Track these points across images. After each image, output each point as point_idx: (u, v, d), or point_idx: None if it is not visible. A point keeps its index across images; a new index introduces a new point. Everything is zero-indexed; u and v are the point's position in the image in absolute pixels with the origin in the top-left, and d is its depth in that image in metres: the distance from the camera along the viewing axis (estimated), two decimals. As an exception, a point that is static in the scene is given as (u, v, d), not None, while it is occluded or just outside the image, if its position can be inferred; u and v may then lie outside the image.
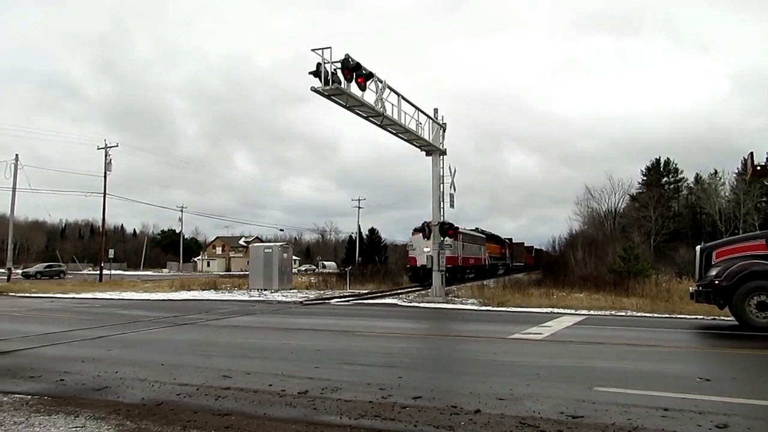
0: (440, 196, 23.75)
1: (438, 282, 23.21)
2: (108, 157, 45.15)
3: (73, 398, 6.21)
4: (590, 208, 63.20)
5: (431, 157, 23.83)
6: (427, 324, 15.27)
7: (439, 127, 24.01)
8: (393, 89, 19.88)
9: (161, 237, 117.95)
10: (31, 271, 57.66)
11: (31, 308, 19.51)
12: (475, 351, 10.24)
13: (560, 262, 43.52)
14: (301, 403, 6.06)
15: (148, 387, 6.81)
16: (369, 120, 19.75)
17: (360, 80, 17.25)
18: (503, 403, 5.98)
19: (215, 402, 6.07)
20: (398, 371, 7.85)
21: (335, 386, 6.76)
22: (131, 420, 5.33)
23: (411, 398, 6.19)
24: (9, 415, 5.47)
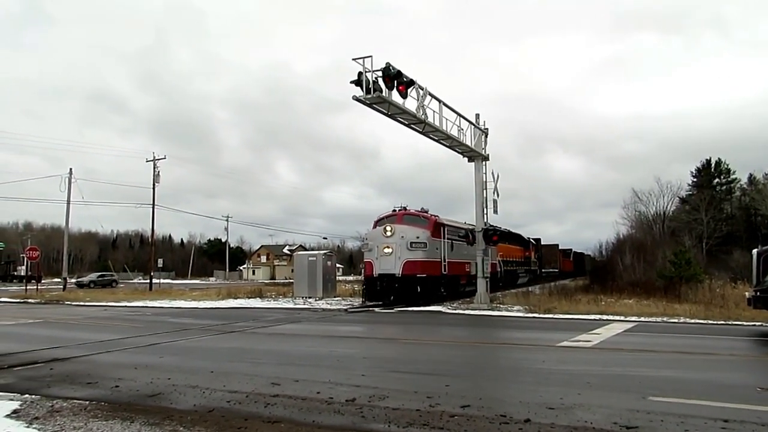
0: (483, 201, 23.53)
1: (482, 289, 22.97)
2: (156, 169, 46.42)
3: (128, 404, 6.38)
4: (638, 212, 61.48)
5: (474, 162, 23.66)
6: (473, 331, 15.12)
7: (481, 133, 23.83)
8: (434, 96, 19.85)
9: (208, 246, 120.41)
10: (85, 281, 59.57)
11: (86, 316, 20.16)
12: (523, 359, 10.09)
13: (607, 268, 42.55)
14: (350, 410, 6.07)
15: (200, 394, 6.94)
16: (411, 127, 19.75)
17: (401, 88, 17.28)
18: (554, 413, 5.87)
19: (265, 409, 6.14)
20: (445, 379, 7.80)
21: (382, 394, 6.76)
22: (184, 426, 5.44)
23: (459, 407, 6.14)
24: (68, 420, 5.66)
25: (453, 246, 26.27)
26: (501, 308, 21.20)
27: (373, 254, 23.76)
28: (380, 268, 23.27)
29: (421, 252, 23.21)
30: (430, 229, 24.19)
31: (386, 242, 23.42)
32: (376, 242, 23.89)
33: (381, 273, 23.18)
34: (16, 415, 5.87)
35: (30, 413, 5.95)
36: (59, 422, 5.58)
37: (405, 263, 22.88)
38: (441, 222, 25.68)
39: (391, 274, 22.92)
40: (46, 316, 20.44)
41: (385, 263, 23.15)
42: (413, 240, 23.23)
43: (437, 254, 24.39)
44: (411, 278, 22.74)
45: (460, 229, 28.36)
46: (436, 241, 24.52)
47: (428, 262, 23.67)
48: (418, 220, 24.62)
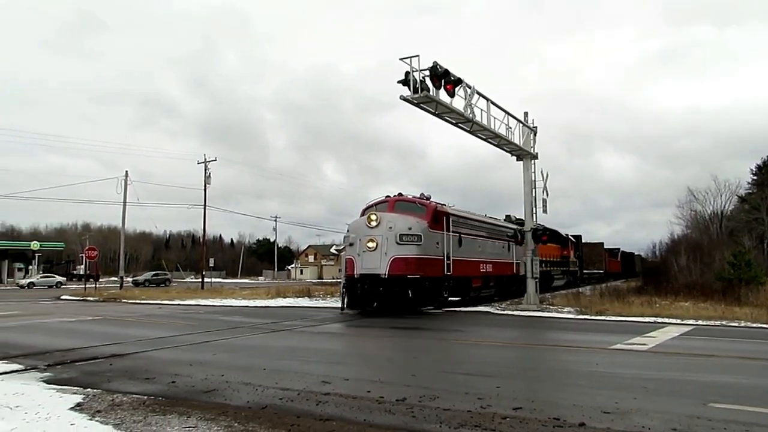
0: (532, 201, 23.21)
1: (532, 289, 22.67)
2: (207, 170, 47.55)
3: (184, 400, 6.55)
4: (693, 211, 59.37)
5: (522, 161, 23.35)
6: (523, 333, 14.92)
7: (529, 131, 23.50)
8: (482, 94, 19.66)
9: (256, 246, 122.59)
10: (140, 279, 61.49)
11: (142, 314, 20.80)
12: (575, 361, 9.89)
13: (661, 269, 41.33)
14: (400, 410, 6.07)
15: (252, 391, 7.06)
16: (458, 126, 19.64)
17: (449, 87, 17.21)
18: (609, 417, 5.74)
19: (316, 407, 6.20)
20: (496, 380, 7.72)
21: (433, 394, 6.74)
22: (239, 422, 5.55)
23: (511, 409, 6.06)
24: (129, 414, 5.85)
25: (461, 241, 21.80)
26: (551, 309, 20.86)
27: (354, 250, 19.26)
28: (362, 266, 18.83)
29: (414, 247, 18.68)
30: (427, 219, 19.63)
31: (370, 235, 18.89)
32: (359, 235, 19.26)
33: (363, 273, 18.74)
34: (79, 408, 6.10)
35: (92, 406, 6.17)
36: (120, 416, 5.77)
37: (393, 261, 18.44)
38: (443, 211, 21.17)
39: (374, 274, 18.47)
40: (105, 313, 21.18)
41: (369, 261, 18.73)
42: (404, 231, 18.75)
43: (438, 250, 19.99)
44: (400, 280, 18.31)
45: (473, 221, 23.93)
46: (436, 234, 20.05)
47: (424, 260, 18.97)
48: (412, 208, 20.20)
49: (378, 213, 19.42)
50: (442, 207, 21.28)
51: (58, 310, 22.91)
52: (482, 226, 25.03)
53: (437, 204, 21.04)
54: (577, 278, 41.64)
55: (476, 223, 24.20)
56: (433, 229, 19.76)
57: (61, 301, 31.37)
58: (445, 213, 21.12)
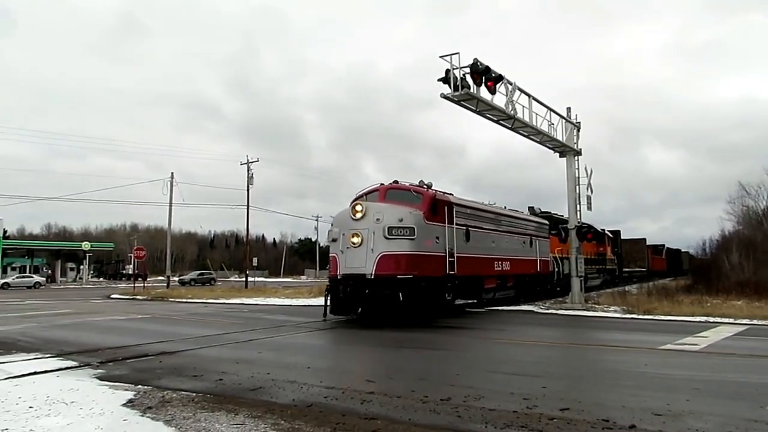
0: (576, 198, 22.79)
1: (576, 288, 22.29)
2: (250, 171, 48.28)
3: (232, 397, 6.66)
4: (745, 207, 57.11)
5: (565, 158, 22.96)
6: (568, 332, 14.67)
7: (572, 127, 23.10)
8: (523, 90, 19.40)
9: (298, 245, 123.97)
10: (186, 279, 62.86)
11: (189, 312, 21.27)
12: (623, 361, 9.66)
13: (712, 267, 40.03)
14: (445, 410, 6.04)
15: (298, 389, 7.14)
16: (500, 123, 19.42)
17: (489, 84, 17.02)
18: (660, 419, 5.59)
19: (361, 406, 6.23)
20: (541, 381, 7.60)
21: (478, 394, 6.68)
22: (285, 420, 5.61)
23: (558, 409, 5.97)
24: (178, 411, 5.98)
25: (469, 235, 19.03)
26: (596, 308, 20.45)
27: (338, 246, 16.62)
28: (345, 265, 16.19)
29: (406, 242, 15.83)
30: (423, 210, 16.70)
31: (354, 228, 16.23)
32: (343, 229, 16.60)
33: (346, 273, 16.09)
34: (131, 404, 6.27)
35: (143, 403, 6.33)
36: (170, 412, 5.91)
37: (380, 258, 15.69)
38: (445, 200, 18.14)
39: (359, 274, 15.77)
40: (153, 312, 21.74)
41: (353, 259, 16.10)
42: (393, 224, 15.89)
43: (438, 246, 17.15)
44: (389, 281, 15.43)
45: (485, 213, 20.93)
46: (436, 227, 17.19)
47: (419, 257, 16.14)
48: (406, 197, 17.32)
49: (364, 203, 16.65)
50: (444, 196, 18.43)
51: (108, 309, 23.62)
52: (497, 218, 22.05)
53: (437, 192, 18.09)
54: (615, 277, 38.79)
55: (489, 215, 21.28)
56: (431, 221, 16.95)
57: (111, 300, 32.35)
58: (447, 202, 18.17)
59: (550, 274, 26.49)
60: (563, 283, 27.25)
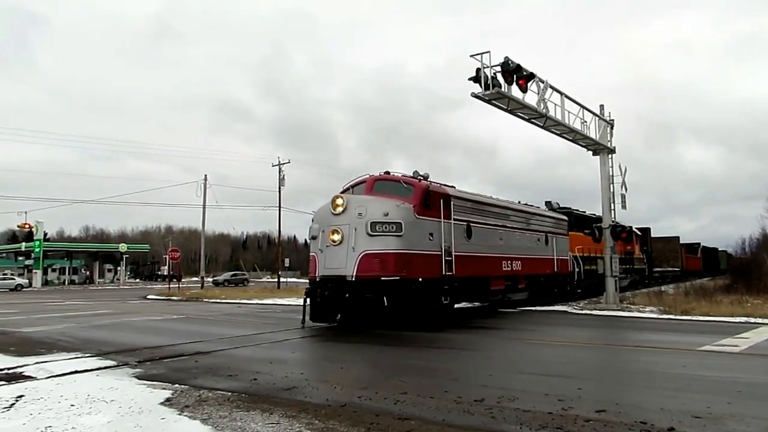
0: (610, 196, 22.47)
1: (611, 288, 21.95)
2: (281, 173, 48.77)
3: (266, 396, 6.73)
4: (787, 204, 55.70)
5: (598, 156, 22.64)
6: (603, 333, 14.45)
7: (606, 124, 22.76)
8: (555, 88, 19.20)
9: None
10: (220, 279, 63.78)
11: (223, 312, 21.57)
12: (660, 363, 9.47)
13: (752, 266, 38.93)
14: (479, 411, 6.01)
15: (331, 389, 7.17)
16: (531, 122, 19.24)
17: (521, 82, 16.89)
18: (701, 422, 5.46)
19: (394, 406, 6.23)
20: (576, 382, 7.50)
21: (511, 395, 6.63)
22: (319, 419, 5.65)
23: (594, 411, 5.88)
24: (215, 410, 6.07)
25: (471, 231, 17.23)
26: (632, 309, 20.09)
27: (317, 245, 14.98)
28: (324, 266, 14.58)
29: (392, 239, 14.12)
30: (414, 203, 14.93)
31: (334, 224, 14.54)
32: (323, 225, 14.90)
33: (324, 275, 14.47)
34: (168, 403, 6.38)
35: (180, 401, 6.45)
36: (206, 411, 6.00)
37: (362, 258, 13.99)
38: (441, 192, 16.30)
39: (339, 276, 14.09)
40: (188, 312, 22.10)
41: (332, 259, 14.45)
42: (377, 219, 14.18)
43: (432, 243, 15.33)
44: (372, 283, 13.75)
45: (490, 207, 19.07)
46: (429, 222, 15.34)
47: (408, 256, 14.36)
48: (396, 189, 15.50)
49: (346, 196, 14.99)
50: (441, 188, 16.53)
51: (145, 309, 24.09)
52: (505, 213, 20.11)
53: (432, 183, 16.20)
54: (644, 277, 36.66)
55: (496, 209, 19.46)
56: (423, 215, 15.07)
57: (147, 300, 33.00)
58: (444, 195, 16.27)
59: (569, 274, 24.68)
60: (585, 284, 25.97)
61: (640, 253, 36.33)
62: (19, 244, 68.87)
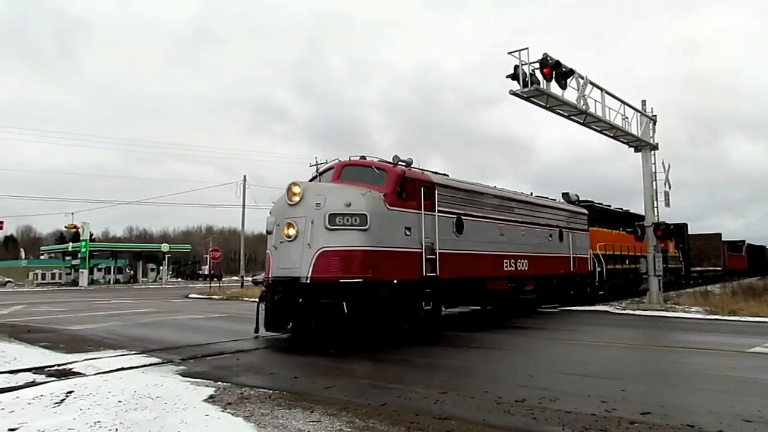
0: (653, 194, 21.96)
1: (655, 288, 21.47)
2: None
3: (307, 395, 6.79)
4: (841, 201, 53.28)
5: (640, 153, 22.15)
6: (646, 333, 14.13)
7: (648, 120, 22.24)
8: (595, 84, 18.86)
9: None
10: (259, 279, 64.14)
11: (262, 312, 21.81)
12: (707, 364, 9.22)
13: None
14: (520, 411, 5.95)
15: (371, 387, 7.20)
16: (571, 119, 18.93)
17: (560, 79, 16.62)
18: (751, 426, 5.31)
19: (434, 406, 6.22)
20: (619, 383, 7.36)
21: (553, 396, 6.54)
22: (359, 418, 5.68)
23: (638, 413, 5.76)
24: (256, 407, 6.16)
25: (461, 225, 14.94)
26: (676, 309, 19.61)
27: (272, 241, 12.87)
28: (278, 266, 12.34)
29: (355, 233, 11.86)
30: (385, 191, 12.68)
31: (290, 216, 12.24)
32: (279, 218, 12.62)
33: (277, 276, 12.28)
34: (212, 400, 6.50)
35: (223, 399, 6.56)
36: (248, 408, 6.09)
37: (319, 256, 11.66)
38: (421, 179, 13.88)
39: (292, 277, 11.80)
40: (229, 311, 22.47)
41: (286, 257, 12.15)
42: (338, 210, 11.91)
43: (410, 239, 13.02)
44: (329, 286, 11.44)
45: (484, 198, 16.52)
46: (405, 215, 13.01)
47: (376, 254, 12.09)
48: (367, 175, 13.23)
49: (304, 184, 12.80)
50: (423, 174, 14.22)
51: (187, 308, 24.57)
52: (507, 205, 17.65)
53: (410, 169, 13.87)
54: (680, 277, 33.97)
55: (495, 201, 17.05)
56: (396, 206, 12.79)
57: (189, 299, 33.64)
58: (426, 183, 13.92)
59: (589, 274, 22.37)
60: (609, 285, 23.95)
61: (675, 251, 33.92)
62: (67, 245, 71.08)
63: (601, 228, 24.61)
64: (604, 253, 23.87)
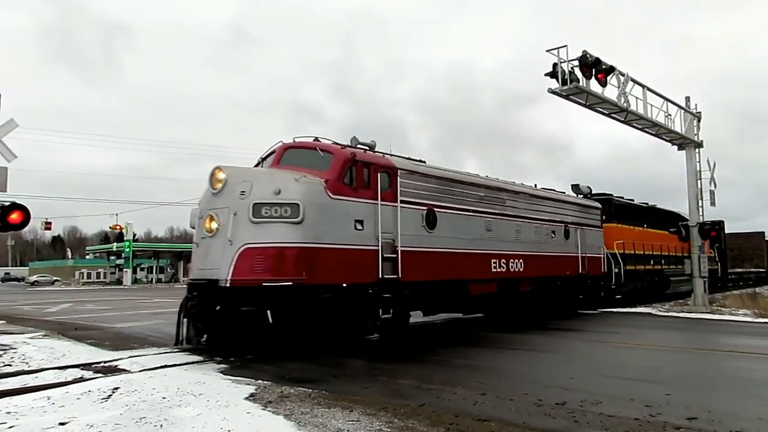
0: (698, 193, 21.40)
1: (699, 289, 20.88)
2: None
3: (346, 394, 6.83)
4: None
5: (684, 150, 21.60)
6: (691, 336, 13.77)
7: (692, 117, 21.68)
8: (637, 81, 18.47)
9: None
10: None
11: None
12: (757, 369, 8.94)
13: None
14: (561, 414, 5.88)
15: (411, 387, 7.21)
16: (611, 117, 18.59)
17: (600, 76, 16.39)
18: (804, 433, 5.12)
19: (473, 407, 6.19)
20: (664, 387, 7.19)
21: (595, 399, 6.44)
22: (398, 418, 5.69)
23: (684, 418, 5.62)
24: (296, 405, 6.23)
25: (434, 218, 12.84)
26: (722, 311, 19.07)
27: (196, 235, 11.09)
28: (197, 266, 10.68)
29: (286, 227, 9.99)
30: (329, 176, 10.77)
31: (212, 209, 10.49)
32: (204, 210, 10.78)
33: (194, 279, 10.64)
34: (252, 398, 6.59)
35: (264, 397, 6.64)
36: (288, 407, 6.16)
37: (241, 254, 9.79)
38: (377, 162, 11.90)
39: (210, 280, 9.95)
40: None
41: (205, 257, 10.41)
42: (264, 199, 10.06)
43: (361, 234, 10.99)
44: (253, 292, 9.61)
45: (464, 187, 14.22)
46: (356, 205, 11.05)
47: (315, 252, 10.20)
48: (311, 159, 11.33)
49: (229, 169, 10.68)
50: (382, 158, 12.25)
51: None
52: (497, 197, 15.44)
53: (366, 152, 12.05)
54: (716, 279, 30.57)
55: (479, 191, 14.80)
56: (342, 194, 10.82)
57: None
58: (384, 167, 11.91)
59: (603, 276, 20.37)
60: (628, 288, 21.84)
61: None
62: (111, 245, 72.99)
63: (621, 224, 22.48)
64: (623, 252, 21.68)
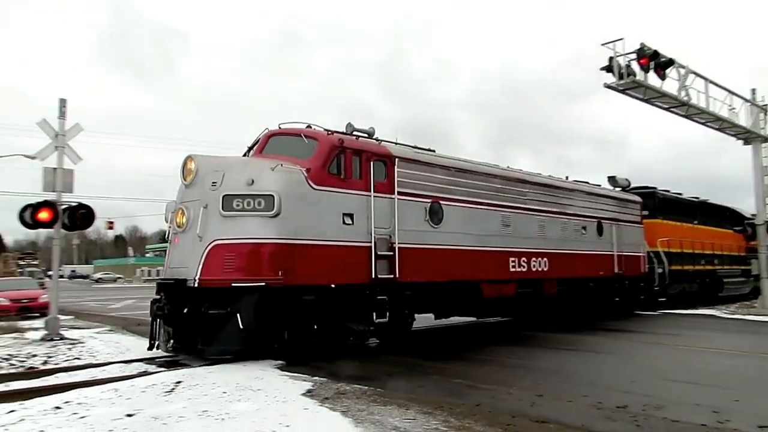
0: (764, 189, 20.44)
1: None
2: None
3: (401, 392, 6.86)
4: None
5: (750, 145, 20.66)
6: (760, 340, 13.18)
7: (758, 110, 20.69)
8: (698, 74, 17.74)
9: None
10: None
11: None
12: (832, 375, 8.49)
13: None
14: (622, 418, 5.73)
15: (467, 387, 7.17)
16: (671, 111, 17.94)
17: (658, 69, 15.81)
18: None
19: (531, 408, 6.10)
20: (732, 392, 6.91)
21: (658, 403, 6.24)
22: (455, 417, 5.66)
23: (756, 426, 5.39)
24: (353, 403, 6.28)
25: (440, 212, 11.70)
26: (793, 314, 18.15)
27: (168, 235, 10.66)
28: (168, 264, 10.14)
29: (261, 221, 9.18)
30: (311, 164, 9.81)
31: (183, 202, 9.85)
32: (178, 203, 10.11)
33: (163, 278, 9.99)
34: (309, 394, 6.68)
35: (320, 394, 6.72)
36: (345, 404, 6.22)
37: (210, 251, 9.06)
38: (370, 149, 10.80)
39: (177, 280, 9.34)
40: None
41: (175, 254, 9.93)
42: (236, 191, 9.27)
43: (350, 229, 10.01)
44: (222, 293, 8.84)
45: (476, 177, 13.01)
46: (345, 197, 10.07)
47: (293, 249, 9.29)
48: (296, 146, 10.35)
49: (201, 158, 9.86)
50: (376, 145, 11.14)
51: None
52: (517, 189, 14.16)
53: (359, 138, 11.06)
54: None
55: (496, 182, 13.57)
56: (327, 184, 9.84)
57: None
58: (378, 155, 10.83)
59: (643, 276, 18.76)
60: (675, 290, 20.26)
61: None
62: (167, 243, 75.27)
63: (666, 220, 20.89)
64: (668, 250, 19.96)
